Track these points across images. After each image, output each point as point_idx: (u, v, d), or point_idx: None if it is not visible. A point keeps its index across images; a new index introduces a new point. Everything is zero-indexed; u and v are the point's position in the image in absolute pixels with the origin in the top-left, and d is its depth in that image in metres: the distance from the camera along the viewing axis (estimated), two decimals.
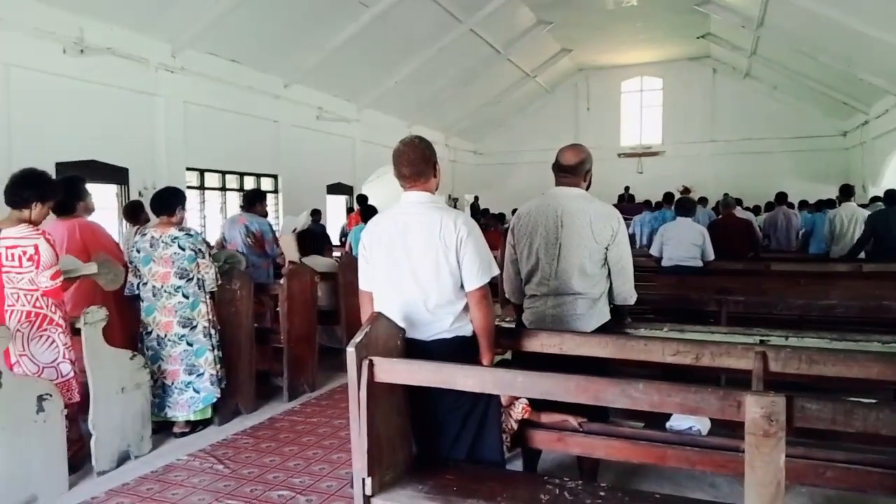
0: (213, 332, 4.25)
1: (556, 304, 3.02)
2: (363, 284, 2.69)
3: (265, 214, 6.13)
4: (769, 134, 17.96)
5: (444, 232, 2.47)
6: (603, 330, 3.03)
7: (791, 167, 17.43)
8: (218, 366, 4.25)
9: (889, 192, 7.57)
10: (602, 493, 2.30)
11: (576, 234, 2.96)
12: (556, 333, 2.85)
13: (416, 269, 2.50)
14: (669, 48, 17.80)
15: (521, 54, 16.10)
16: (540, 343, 2.85)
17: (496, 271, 2.60)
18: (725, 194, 9.31)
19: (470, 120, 18.46)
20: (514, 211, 13.65)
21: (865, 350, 2.93)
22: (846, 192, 8.21)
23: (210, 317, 4.24)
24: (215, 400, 4.27)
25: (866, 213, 7.99)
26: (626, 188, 18.38)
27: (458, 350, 2.49)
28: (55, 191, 3.62)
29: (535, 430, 2.75)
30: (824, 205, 10.35)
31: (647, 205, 12.69)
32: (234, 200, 10.37)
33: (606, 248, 2.99)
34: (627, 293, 3.10)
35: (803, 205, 11.55)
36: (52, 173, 6.67)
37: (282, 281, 4.93)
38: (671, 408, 2.07)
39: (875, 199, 10.28)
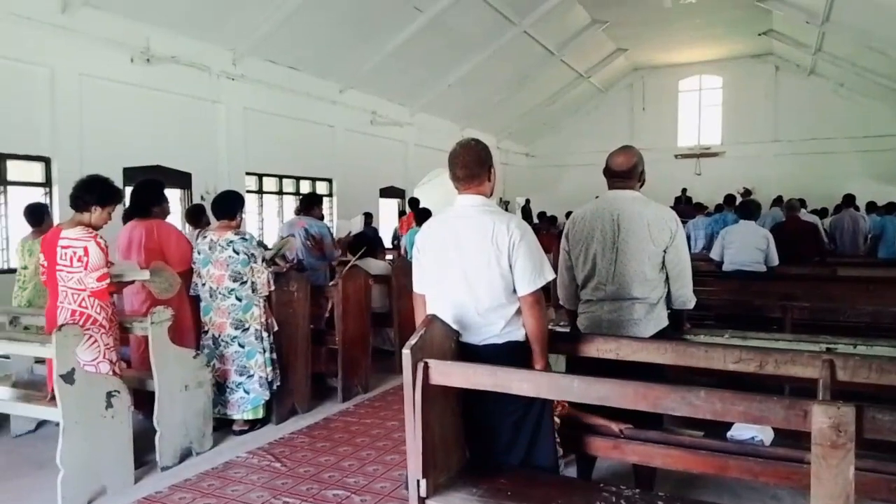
0: (265, 334, 4.34)
1: (613, 308, 2.97)
2: (417, 287, 2.72)
3: (322, 218, 6.25)
4: (835, 133, 17.20)
5: (496, 235, 2.46)
6: (661, 336, 2.97)
7: (859, 168, 16.65)
8: (269, 368, 4.34)
9: None
10: (660, 503, 2.26)
11: (634, 238, 2.92)
12: (613, 338, 2.81)
13: (467, 273, 2.50)
14: (729, 46, 17.27)
15: (574, 55, 15.93)
16: (596, 348, 2.81)
17: (550, 276, 2.57)
18: (779, 197, 8.96)
19: (522, 122, 18.37)
20: (567, 214, 13.53)
21: None
22: None
23: (263, 320, 4.33)
24: (264, 402, 4.36)
25: None
26: (684, 190, 17.89)
27: (510, 355, 2.48)
28: (116, 196, 3.72)
29: (590, 436, 2.71)
30: (894, 207, 9.85)
31: (699, 208, 12.34)
32: (291, 204, 10.62)
33: (665, 251, 2.93)
34: (686, 297, 3.03)
35: (871, 207, 11.02)
36: (120, 178, 7.12)
37: (337, 283, 5.01)
38: (734, 417, 2.01)
39: None
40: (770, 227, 7.05)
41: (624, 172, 3.03)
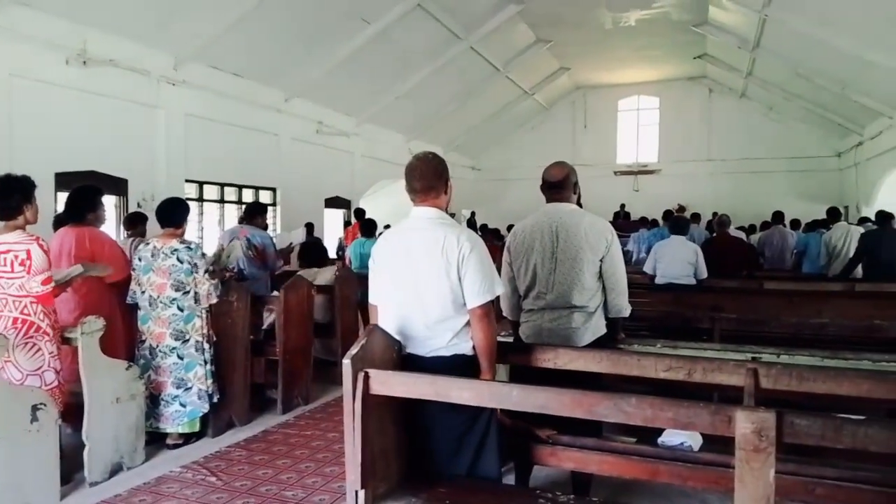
0: (206, 346, 4.25)
1: (553, 317, 3.06)
2: (372, 298, 2.72)
3: (265, 227, 6.16)
4: (765, 154, 18.09)
5: (446, 247, 2.48)
6: (598, 344, 3.07)
7: (786, 187, 17.54)
8: (209, 381, 4.24)
9: (880, 213, 7.65)
10: None
11: (572, 248, 3.02)
12: (551, 348, 2.88)
13: (417, 284, 2.52)
14: (666, 68, 17.96)
15: (520, 72, 16.25)
16: (534, 357, 2.87)
17: (500, 290, 2.61)
18: (714, 213, 9.36)
19: (468, 136, 18.57)
20: (509, 227, 13.76)
21: (856, 368, 2.96)
22: (833, 215, 8.33)
23: (204, 331, 4.24)
24: (202, 415, 4.25)
25: (860, 230, 8.07)
26: (622, 206, 18.46)
27: (457, 368, 2.49)
28: (33, 184, 3.57)
29: (527, 443, 2.76)
30: (818, 224, 10.41)
31: (643, 222, 12.76)
32: (233, 213, 10.41)
33: (601, 261, 3.04)
34: (622, 306, 3.15)
35: (796, 224, 11.62)
36: (52, 183, 6.83)
37: (279, 293, 4.94)
38: (664, 423, 2.09)
39: (864, 219, 10.37)
40: (702, 242, 7.35)
41: (559, 183, 3.15)
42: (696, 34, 14.26)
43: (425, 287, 2.51)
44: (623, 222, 16.39)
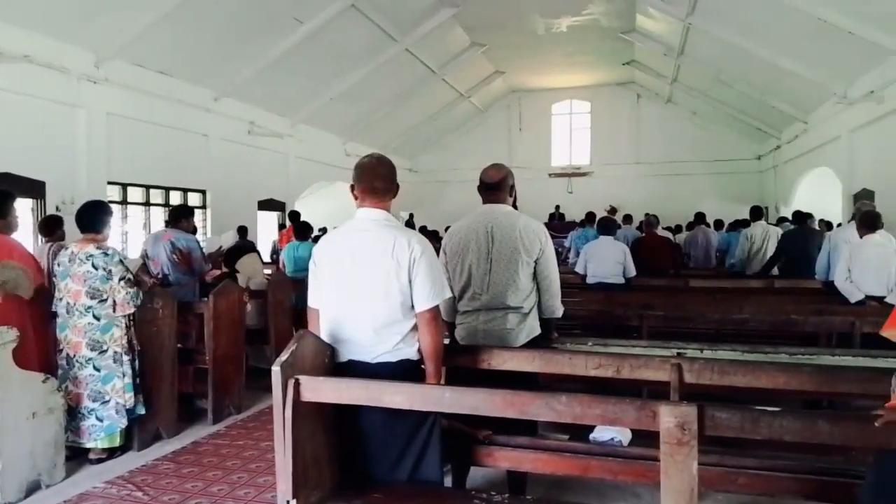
0: (125, 357, 4.05)
1: (488, 318, 3.07)
2: (311, 302, 2.64)
3: (193, 230, 5.96)
4: (690, 157, 18.85)
5: (396, 250, 2.45)
6: (533, 344, 3.10)
7: (710, 188, 18.32)
8: (128, 394, 4.05)
9: (797, 213, 8.08)
10: None
11: (507, 249, 3.04)
12: (486, 349, 2.90)
13: (364, 287, 2.47)
14: (597, 73, 18.47)
15: (455, 74, 16.35)
16: (470, 359, 2.89)
17: (448, 294, 2.61)
18: (647, 213, 9.71)
19: (405, 138, 18.55)
20: (447, 229, 13.67)
21: (773, 361, 3.11)
22: (756, 214, 8.73)
23: (124, 342, 4.05)
24: (120, 429, 4.07)
25: (778, 230, 8.49)
26: (557, 207, 18.87)
27: (403, 373, 2.47)
28: None
29: (463, 445, 2.77)
30: (739, 224, 10.92)
31: (580, 223, 13.03)
32: (159, 216, 10.03)
33: (536, 262, 3.07)
34: (555, 307, 3.19)
35: (720, 224, 12.15)
36: None
37: (207, 299, 4.79)
38: (593, 419, 2.14)
39: (782, 219, 10.95)
40: (630, 242, 7.58)
41: (496, 184, 3.16)
42: (625, 41, 14.73)
43: (373, 290, 2.46)
44: (558, 223, 16.79)
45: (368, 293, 2.46)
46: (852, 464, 2.39)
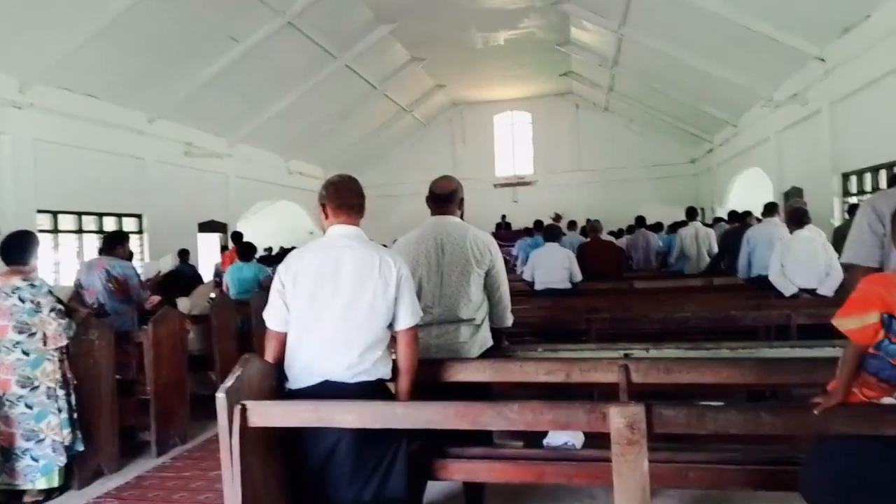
0: (60, 392, 3.84)
1: (441, 332, 3.01)
2: (274, 324, 2.50)
3: (129, 257, 5.73)
4: (629, 163, 19.38)
5: (383, 268, 2.43)
6: (486, 355, 3.08)
7: (649, 192, 18.85)
8: (66, 430, 3.83)
9: (732, 213, 8.39)
10: None
11: (458, 261, 3.01)
12: (436, 362, 2.87)
13: (348, 306, 2.40)
14: (536, 84, 18.83)
15: (396, 89, 16.39)
16: (421, 373, 2.85)
17: (420, 312, 2.62)
18: (588, 219, 9.91)
19: (349, 154, 18.43)
20: (395, 241, 13.57)
21: (716, 357, 3.20)
22: (691, 214, 9.04)
23: (58, 376, 3.83)
24: (59, 468, 3.86)
25: (709, 230, 8.79)
26: (503, 217, 19.09)
27: (379, 391, 2.44)
28: None
29: (418, 459, 2.73)
30: (678, 226, 11.26)
31: (527, 231, 13.19)
32: (93, 243, 9.65)
33: (486, 273, 3.06)
34: (506, 317, 3.18)
35: (660, 227, 12.51)
36: None
37: (147, 327, 4.61)
38: (545, 426, 2.15)
39: (718, 219, 11.35)
40: (576, 247, 7.71)
41: (446, 196, 3.14)
42: (561, 53, 15.09)
43: (358, 308, 2.40)
44: (505, 232, 17.01)
45: (356, 313, 2.40)
46: (796, 451, 2.47)
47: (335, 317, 2.40)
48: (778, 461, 2.39)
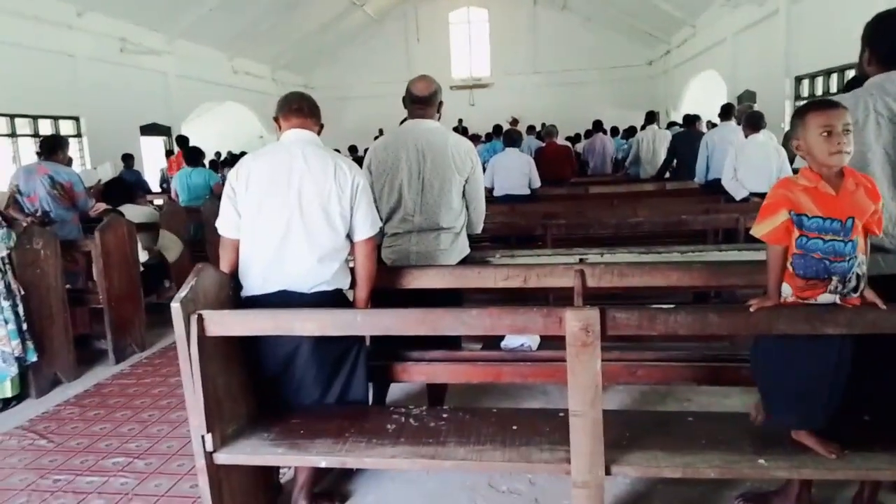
0: (5, 303, 3.72)
1: (420, 240, 2.98)
2: (227, 231, 2.46)
3: (69, 162, 5.45)
4: (586, 65, 19.08)
5: (338, 175, 2.37)
6: (465, 263, 3.08)
7: (606, 96, 18.75)
8: (15, 341, 3.75)
9: (686, 117, 8.43)
10: (445, 416, 2.42)
11: (439, 168, 2.93)
12: (395, 269, 2.88)
13: (304, 214, 2.36)
14: None
15: None
16: (379, 280, 2.87)
17: (380, 222, 2.59)
18: (544, 124, 9.84)
19: (297, 52, 17.58)
20: (350, 148, 13.38)
21: (667, 261, 3.29)
22: (650, 118, 9.03)
23: (1, 286, 3.73)
24: (12, 377, 3.81)
25: (667, 133, 8.84)
26: (460, 121, 18.68)
27: (338, 302, 2.44)
28: None
29: (380, 363, 2.80)
30: (635, 130, 11.30)
31: (476, 138, 13.04)
32: (29, 147, 9.14)
33: (466, 181, 3.00)
34: (479, 224, 3.17)
35: (616, 131, 12.53)
36: None
37: (94, 235, 4.46)
38: (503, 330, 2.20)
39: (672, 123, 11.42)
40: (533, 152, 7.69)
41: (425, 98, 3.01)
42: None
43: (316, 215, 2.36)
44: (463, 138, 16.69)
45: (311, 219, 2.36)
46: (737, 349, 2.62)
47: (289, 223, 2.36)
48: (719, 358, 2.53)
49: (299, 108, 2.49)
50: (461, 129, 18.30)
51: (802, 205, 1.88)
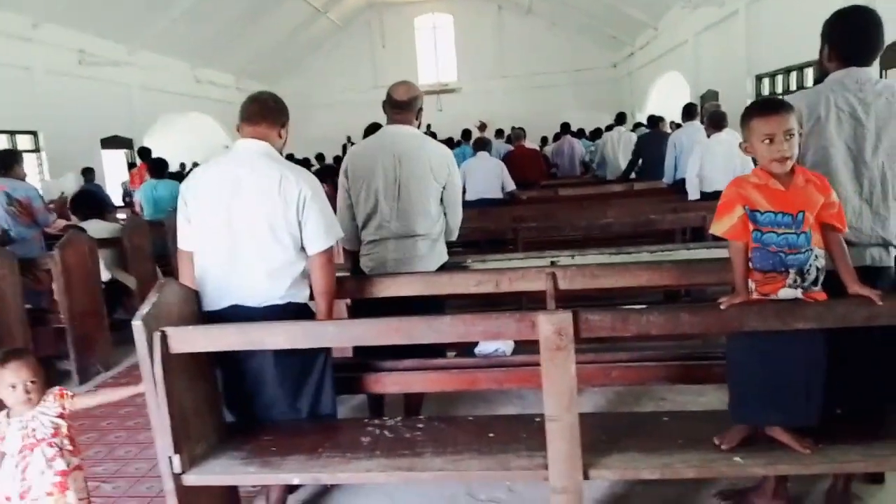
0: None
1: (398, 247, 2.94)
2: (182, 244, 2.43)
3: (24, 177, 5.29)
4: (552, 68, 19.24)
5: (284, 187, 2.28)
6: (443, 269, 3.04)
7: (572, 99, 18.92)
8: None
9: (651, 117, 8.53)
10: (420, 426, 2.38)
11: (417, 174, 2.89)
12: (365, 278, 2.84)
13: (250, 228, 2.29)
14: None
15: None
16: (352, 290, 2.83)
17: (341, 233, 2.52)
18: (513, 127, 9.89)
19: (262, 61, 17.41)
20: (318, 156, 13.27)
21: (637, 261, 3.30)
22: (620, 119, 9.13)
23: None
24: None
25: (632, 134, 8.94)
26: (428, 126, 18.63)
27: (291, 316, 2.35)
28: None
29: (353, 375, 2.74)
30: (602, 132, 11.40)
31: (456, 142, 13.01)
32: None
33: (444, 187, 2.97)
34: (455, 231, 3.15)
35: (582, 133, 12.64)
36: None
37: (53, 253, 4.32)
38: (477, 336, 2.18)
39: (638, 124, 11.56)
40: (502, 156, 7.71)
41: (404, 104, 2.98)
42: None
43: (259, 231, 2.29)
44: None
45: (258, 234, 2.29)
46: (709, 347, 2.63)
47: (234, 237, 2.30)
48: (692, 356, 2.54)
49: (251, 117, 2.41)
50: (430, 135, 18.31)
51: (755, 201, 1.93)
